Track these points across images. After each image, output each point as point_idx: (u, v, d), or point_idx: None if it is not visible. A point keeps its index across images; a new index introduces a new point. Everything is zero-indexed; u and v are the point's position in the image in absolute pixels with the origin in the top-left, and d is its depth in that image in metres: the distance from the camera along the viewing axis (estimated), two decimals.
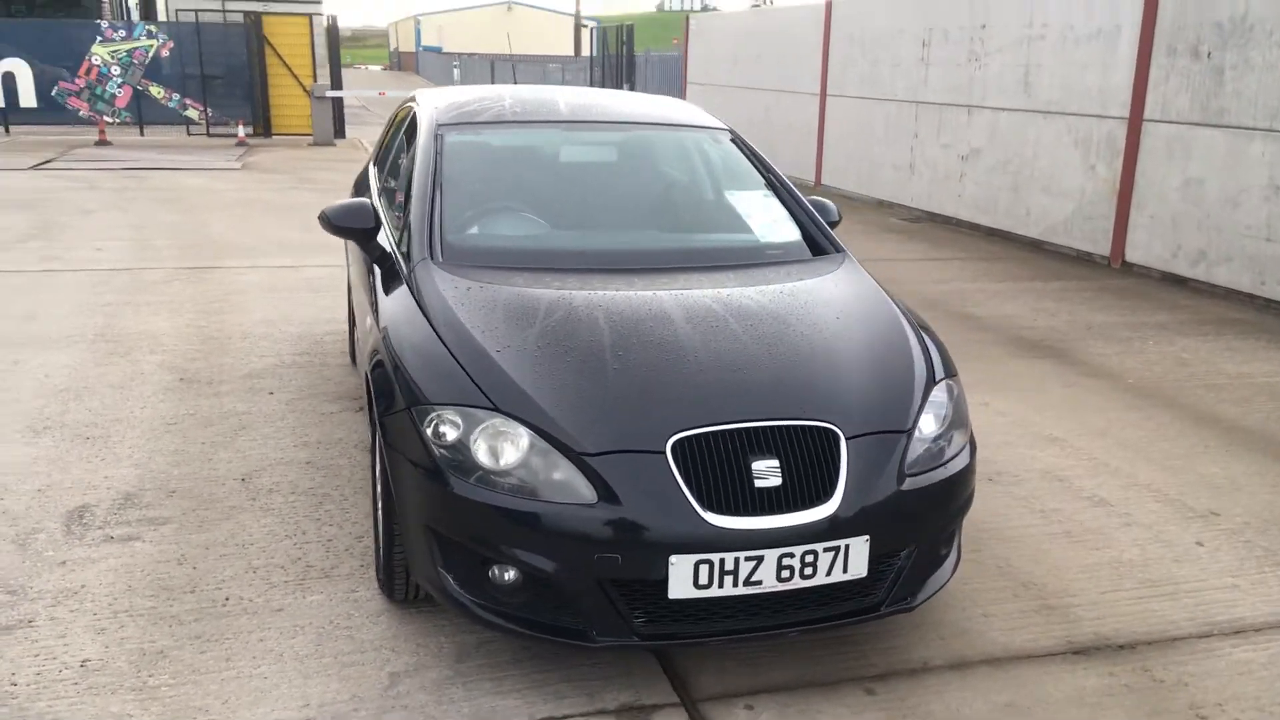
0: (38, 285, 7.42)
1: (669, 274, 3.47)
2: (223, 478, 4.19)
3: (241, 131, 19.13)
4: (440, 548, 2.79)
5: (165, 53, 20.13)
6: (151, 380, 5.38)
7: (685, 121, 4.39)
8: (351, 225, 3.67)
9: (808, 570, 2.70)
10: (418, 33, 58.21)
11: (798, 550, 2.67)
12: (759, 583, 2.66)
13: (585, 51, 25.32)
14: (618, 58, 22.71)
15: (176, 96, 20.36)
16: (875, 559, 2.80)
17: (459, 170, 3.89)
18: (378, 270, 3.66)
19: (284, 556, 3.55)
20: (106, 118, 19.84)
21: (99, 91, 19.93)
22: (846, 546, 2.73)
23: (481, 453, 2.72)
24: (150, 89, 20.19)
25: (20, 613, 3.16)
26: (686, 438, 2.70)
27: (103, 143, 17.93)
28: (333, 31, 20.82)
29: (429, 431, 2.78)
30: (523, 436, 2.71)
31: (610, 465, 2.65)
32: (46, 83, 19.56)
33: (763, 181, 4.12)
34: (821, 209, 4.19)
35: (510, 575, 2.72)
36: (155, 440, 4.56)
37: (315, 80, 20.60)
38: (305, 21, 20.52)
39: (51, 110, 19.57)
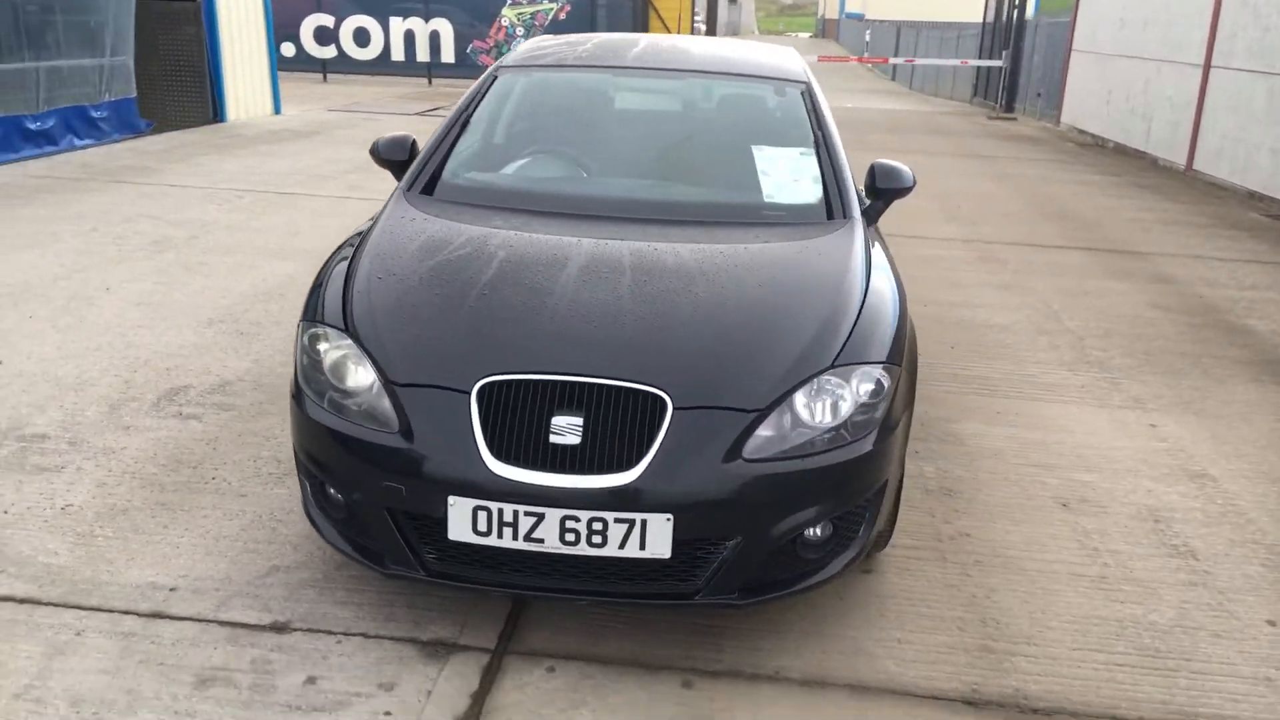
0: (329, 209, 8.52)
1: (634, 224, 3.32)
2: None
3: None
4: (298, 460, 2.95)
5: (563, 15, 21.83)
6: None
7: (758, 72, 4.12)
8: (390, 157, 3.88)
9: (595, 538, 2.53)
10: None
11: (584, 515, 2.52)
12: (541, 540, 2.55)
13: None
14: (1007, 22, 21.15)
15: None
16: (685, 542, 2.57)
17: (496, 110, 3.97)
18: None
19: (288, 453, 3.91)
20: None
21: (504, 50, 22.06)
22: (644, 521, 2.52)
23: (332, 374, 2.83)
24: None
25: (63, 460, 3.78)
26: (497, 382, 2.62)
27: None
28: None
29: (304, 345, 2.94)
30: (366, 362, 2.78)
31: (414, 398, 2.66)
32: (464, 41, 22.02)
33: (811, 139, 3.77)
34: (888, 174, 3.78)
35: (339, 494, 2.82)
36: (290, 343, 5.15)
37: None
38: None
39: (465, 66, 21.99)
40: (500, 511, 2.54)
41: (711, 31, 21.59)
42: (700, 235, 3.26)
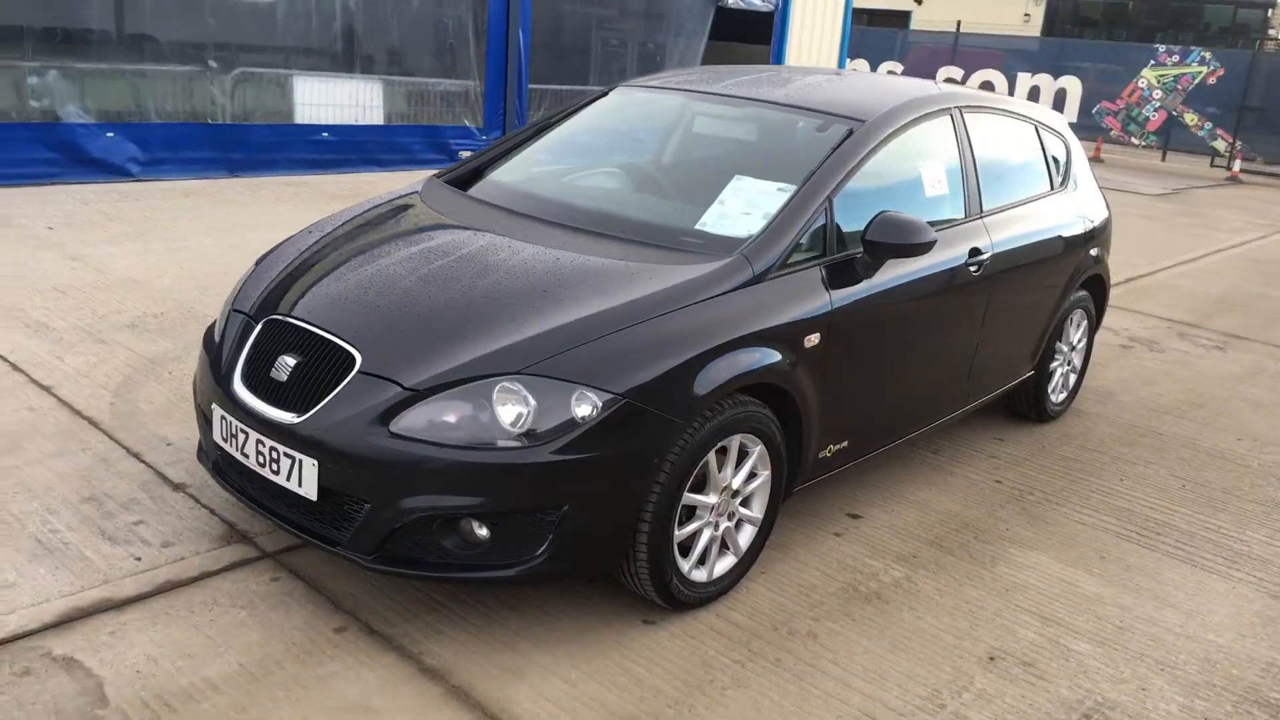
0: None
1: (552, 228, 3.41)
2: None
3: (1237, 166, 17.65)
4: None
5: (1212, 81, 19.49)
6: None
7: (819, 107, 3.80)
8: None
9: (274, 466, 2.88)
10: None
11: (268, 442, 2.88)
12: (248, 457, 2.96)
13: None
14: None
15: (1208, 126, 19.62)
16: (331, 492, 2.79)
17: (583, 122, 4.26)
18: None
19: None
20: (1135, 140, 20.30)
21: (1134, 114, 20.38)
22: (300, 461, 2.81)
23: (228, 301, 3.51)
24: (1185, 116, 19.85)
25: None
26: (277, 319, 3.08)
27: (1094, 159, 18.53)
28: None
29: None
30: (237, 291, 3.44)
31: (232, 321, 3.23)
32: (1091, 100, 20.78)
33: (801, 176, 3.46)
34: (889, 227, 3.34)
35: None
36: None
37: None
38: None
39: (1086, 128, 20.69)
40: (229, 423, 3.02)
41: None
42: (582, 245, 3.28)
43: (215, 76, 9.20)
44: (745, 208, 3.44)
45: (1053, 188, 4.72)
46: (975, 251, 3.97)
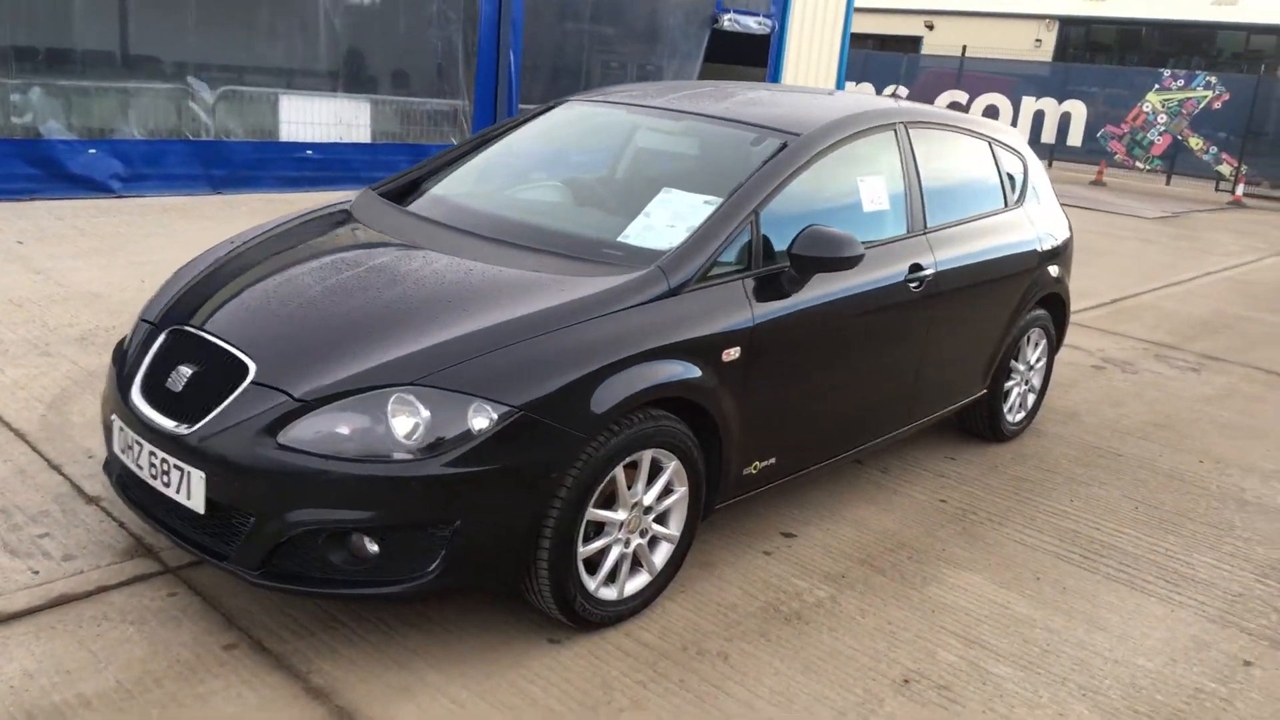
0: None
1: (474, 240, 3.35)
2: None
3: (1239, 190, 17.50)
4: None
5: (1217, 105, 19.37)
6: None
7: (756, 120, 3.74)
8: None
9: (165, 478, 2.81)
10: None
11: (159, 453, 2.82)
12: (142, 468, 2.90)
13: None
14: None
15: (1213, 150, 19.49)
16: (219, 505, 2.72)
17: (526, 136, 4.22)
18: None
19: None
20: (1139, 164, 20.18)
21: (1139, 137, 20.27)
22: (189, 473, 2.75)
23: None
24: (1189, 140, 19.73)
25: None
26: (180, 330, 3.03)
27: (1097, 183, 18.42)
28: None
29: None
30: None
31: (138, 331, 3.18)
32: (1095, 125, 20.67)
33: (728, 189, 3.39)
34: (814, 241, 3.27)
35: None
36: None
37: None
38: None
39: (1091, 152, 20.59)
40: (126, 434, 2.96)
41: None
42: (500, 257, 3.21)
43: (199, 94, 9.23)
44: (671, 220, 3.37)
45: (1007, 205, 4.64)
46: (916, 268, 3.89)
